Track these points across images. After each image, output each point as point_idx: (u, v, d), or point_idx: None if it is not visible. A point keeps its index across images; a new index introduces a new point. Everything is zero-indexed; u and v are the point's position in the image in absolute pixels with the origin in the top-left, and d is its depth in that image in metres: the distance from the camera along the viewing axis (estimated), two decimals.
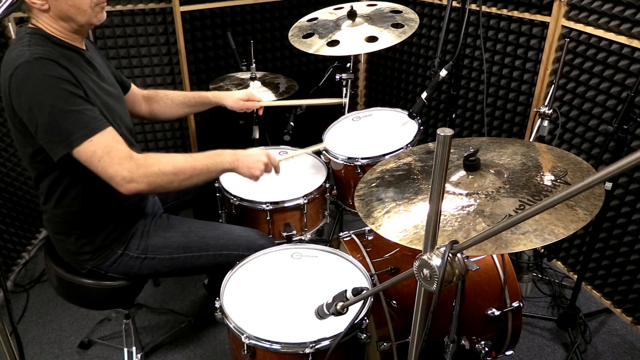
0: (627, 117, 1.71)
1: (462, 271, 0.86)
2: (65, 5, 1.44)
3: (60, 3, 1.43)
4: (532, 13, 2.35)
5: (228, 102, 2.00)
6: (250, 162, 1.63)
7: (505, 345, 1.76)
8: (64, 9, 1.44)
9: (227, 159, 1.60)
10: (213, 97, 2.00)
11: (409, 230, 1.14)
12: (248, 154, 1.64)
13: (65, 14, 1.46)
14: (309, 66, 3.22)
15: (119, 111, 1.63)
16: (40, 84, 1.36)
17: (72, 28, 1.51)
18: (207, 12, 2.78)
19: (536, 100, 2.42)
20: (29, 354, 2.14)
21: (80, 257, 1.65)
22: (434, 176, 0.83)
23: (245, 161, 1.62)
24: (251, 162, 1.63)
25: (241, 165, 1.62)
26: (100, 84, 1.58)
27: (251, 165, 1.62)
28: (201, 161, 1.55)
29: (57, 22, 1.48)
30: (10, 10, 0.96)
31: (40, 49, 1.40)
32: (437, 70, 1.99)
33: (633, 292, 2.17)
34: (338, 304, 1.19)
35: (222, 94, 2.02)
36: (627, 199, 2.11)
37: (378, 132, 2.25)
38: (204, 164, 1.55)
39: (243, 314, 1.43)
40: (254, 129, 2.65)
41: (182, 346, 2.17)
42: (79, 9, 1.45)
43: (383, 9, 2.29)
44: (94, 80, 1.54)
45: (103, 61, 1.72)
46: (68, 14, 1.46)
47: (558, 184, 1.20)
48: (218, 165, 1.59)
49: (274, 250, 1.67)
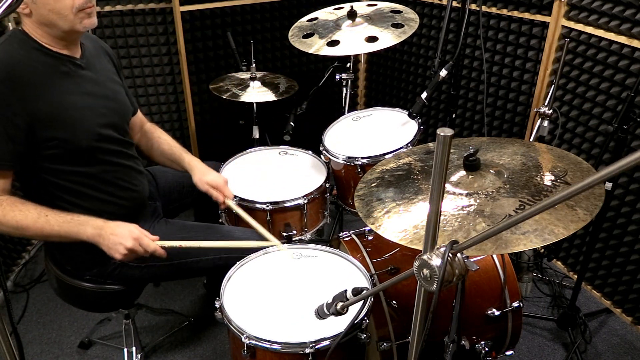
0: (627, 117, 1.71)
1: (462, 271, 0.86)
2: (44, 10, 1.41)
3: (39, 8, 1.41)
4: (532, 13, 2.35)
5: (195, 177, 1.77)
6: (111, 242, 1.44)
7: (505, 345, 1.76)
8: (43, 14, 1.42)
9: (88, 231, 1.45)
10: (187, 164, 1.81)
11: (409, 230, 1.14)
12: (114, 232, 1.45)
13: (46, 19, 1.43)
14: (309, 66, 3.22)
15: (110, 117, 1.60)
16: None
17: (57, 34, 1.47)
18: (207, 12, 2.78)
19: (536, 100, 2.42)
20: (29, 354, 2.14)
21: (78, 268, 1.66)
22: (434, 176, 0.83)
23: (107, 240, 1.45)
24: (112, 243, 1.44)
25: (102, 242, 1.46)
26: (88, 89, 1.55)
27: (111, 246, 1.45)
28: (55, 226, 1.44)
29: (41, 27, 1.45)
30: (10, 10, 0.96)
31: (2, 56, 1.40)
32: (437, 70, 1.99)
33: (633, 292, 2.17)
34: (338, 304, 1.19)
35: (195, 166, 1.79)
36: (627, 199, 2.11)
37: (378, 132, 2.25)
38: (56, 229, 1.44)
39: (243, 314, 1.43)
40: (254, 129, 2.66)
41: (182, 346, 2.17)
42: (59, 14, 1.42)
43: (383, 9, 2.29)
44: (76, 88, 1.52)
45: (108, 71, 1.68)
46: (49, 19, 1.43)
47: (558, 184, 1.20)
48: (74, 234, 1.46)
49: (274, 250, 1.67)
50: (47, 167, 1.49)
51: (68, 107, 1.49)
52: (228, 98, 2.45)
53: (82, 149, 1.52)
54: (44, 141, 1.45)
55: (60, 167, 1.50)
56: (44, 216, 1.44)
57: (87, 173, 1.55)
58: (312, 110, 2.54)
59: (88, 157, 1.55)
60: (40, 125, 1.43)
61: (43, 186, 1.52)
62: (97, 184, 1.58)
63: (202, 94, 2.97)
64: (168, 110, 3.00)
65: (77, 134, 1.50)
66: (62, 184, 1.52)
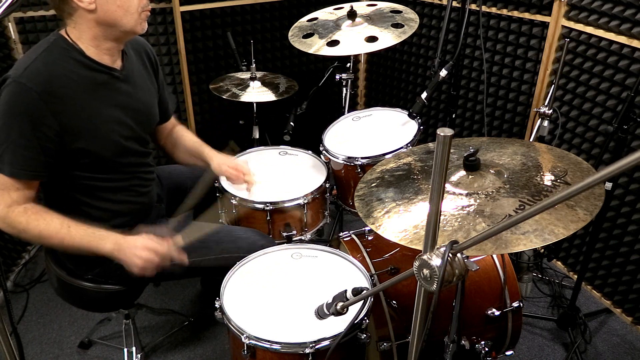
0: (627, 117, 1.71)
1: (462, 271, 0.86)
2: (113, 5, 1.38)
3: (108, 3, 1.38)
4: (532, 13, 2.35)
5: (214, 163, 1.83)
6: (128, 256, 1.45)
7: (505, 345, 1.76)
8: (111, 9, 1.39)
9: (108, 246, 1.46)
10: (207, 155, 1.85)
11: (409, 230, 1.14)
12: (130, 246, 1.45)
13: (112, 17, 1.40)
14: (309, 66, 3.22)
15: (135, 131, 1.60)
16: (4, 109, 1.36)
17: (113, 36, 1.45)
18: (207, 12, 2.78)
19: (536, 100, 2.42)
20: (29, 354, 2.14)
21: (79, 267, 1.66)
22: (434, 176, 0.83)
23: (124, 255, 1.46)
24: (128, 257, 1.45)
25: (121, 258, 1.46)
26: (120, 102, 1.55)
27: (128, 260, 1.46)
28: (76, 238, 1.45)
29: (97, 27, 1.42)
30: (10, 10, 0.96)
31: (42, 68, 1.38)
32: (437, 70, 1.99)
33: (633, 292, 2.17)
34: (338, 304, 1.19)
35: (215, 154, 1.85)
36: (627, 199, 2.11)
37: (378, 132, 2.25)
38: (77, 242, 1.45)
39: (243, 314, 1.43)
40: (254, 129, 2.66)
41: (182, 346, 2.17)
42: (127, 10, 1.40)
43: (383, 9, 2.29)
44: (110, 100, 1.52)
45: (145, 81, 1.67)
46: (114, 16, 1.40)
47: (558, 184, 1.20)
48: (94, 248, 1.46)
49: (274, 250, 1.67)
50: (70, 174, 1.51)
51: (98, 120, 1.48)
52: (228, 98, 2.45)
53: (104, 160, 1.53)
54: (72, 152, 1.46)
55: (81, 174, 1.52)
56: (66, 227, 1.45)
57: (105, 179, 1.57)
58: (312, 110, 2.54)
59: (109, 167, 1.56)
60: (69, 138, 1.43)
61: (60, 188, 1.53)
62: (112, 189, 1.60)
63: (202, 94, 2.97)
64: None
65: (103, 146, 1.51)
66: (80, 188, 1.54)
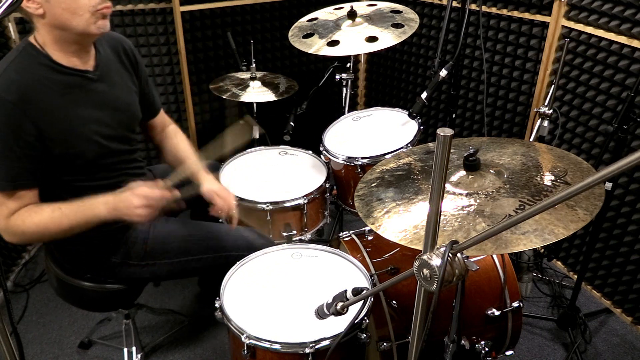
0: (627, 117, 1.71)
1: (462, 271, 0.86)
2: (58, 9, 1.35)
3: (53, 7, 1.34)
4: (532, 13, 2.35)
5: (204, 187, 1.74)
6: (124, 210, 1.45)
7: (505, 345, 1.76)
8: (57, 13, 1.35)
9: (102, 211, 1.45)
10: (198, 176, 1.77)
11: (409, 230, 1.14)
12: (122, 200, 1.45)
13: (60, 20, 1.37)
14: (309, 66, 3.22)
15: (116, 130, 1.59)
16: None
17: (69, 39, 1.42)
18: (207, 12, 2.78)
19: (536, 100, 2.42)
20: (29, 354, 2.14)
21: (78, 267, 1.66)
22: (434, 176, 0.83)
23: (121, 210, 1.45)
24: (125, 211, 1.45)
25: (119, 215, 1.45)
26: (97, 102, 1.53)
27: (127, 213, 1.45)
28: (69, 216, 1.45)
29: (53, 31, 1.40)
30: (10, 10, 0.96)
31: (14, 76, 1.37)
32: (437, 70, 1.99)
33: (633, 292, 2.17)
34: (338, 304, 1.19)
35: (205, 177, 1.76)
36: (627, 199, 2.11)
37: (378, 132, 2.25)
38: (73, 219, 1.45)
39: (243, 314, 1.43)
40: (254, 129, 2.66)
41: (182, 346, 2.17)
42: (74, 12, 1.36)
43: (383, 9, 2.29)
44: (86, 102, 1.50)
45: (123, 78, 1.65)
46: (62, 19, 1.36)
47: (558, 184, 1.20)
48: (90, 218, 1.46)
49: (274, 250, 1.67)
50: (58, 177, 1.51)
51: (76, 123, 1.48)
52: (228, 98, 2.45)
53: (89, 161, 1.53)
54: (56, 157, 1.45)
55: (70, 178, 1.52)
56: (57, 210, 1.45)
57: (95, 179, 1.57)
58: (312, 110, 2.54)
59: (96, 168, 1.56)
60: (50, 143, 1.43)
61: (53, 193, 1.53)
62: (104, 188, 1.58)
63: (202, 94, 2.97)
64: (168, 110, 2.98)
65: (85, 148, 1.50)
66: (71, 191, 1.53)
